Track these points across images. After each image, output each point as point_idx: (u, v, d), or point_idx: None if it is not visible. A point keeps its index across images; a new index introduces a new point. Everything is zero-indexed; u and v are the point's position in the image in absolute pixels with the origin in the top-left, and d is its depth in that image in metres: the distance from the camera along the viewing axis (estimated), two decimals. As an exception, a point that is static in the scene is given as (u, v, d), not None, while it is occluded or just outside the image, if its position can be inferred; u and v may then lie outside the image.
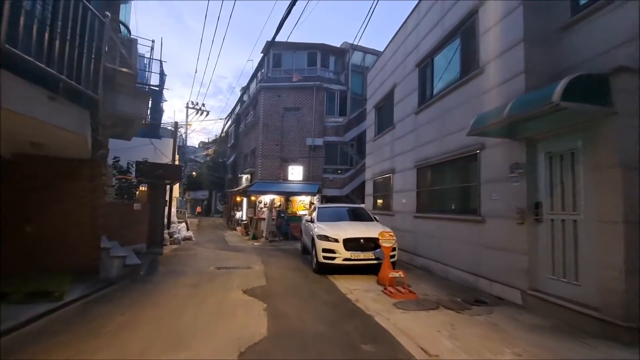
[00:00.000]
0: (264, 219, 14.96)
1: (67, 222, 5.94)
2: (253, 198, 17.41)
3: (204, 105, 19.67)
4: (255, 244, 13.16)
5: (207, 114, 20.00)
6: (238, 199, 21.66)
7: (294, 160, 16.83)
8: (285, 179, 16.64)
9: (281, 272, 7.47)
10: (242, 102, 22.50)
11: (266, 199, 16.51)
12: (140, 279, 6.34)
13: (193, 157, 38.09)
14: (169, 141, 15.81)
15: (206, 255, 10.05)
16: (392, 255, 6.47)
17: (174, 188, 15.05)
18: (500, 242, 5.28)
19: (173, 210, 15.11)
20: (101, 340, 3.52)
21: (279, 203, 16.36)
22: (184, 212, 19.53)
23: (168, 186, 12.47)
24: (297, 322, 4.14)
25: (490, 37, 5.72)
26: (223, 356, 3.16)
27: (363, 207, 9.84)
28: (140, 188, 11.19)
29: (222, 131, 23.27)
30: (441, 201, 7.39)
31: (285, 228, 14.82)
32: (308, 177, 16.65)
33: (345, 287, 5.88)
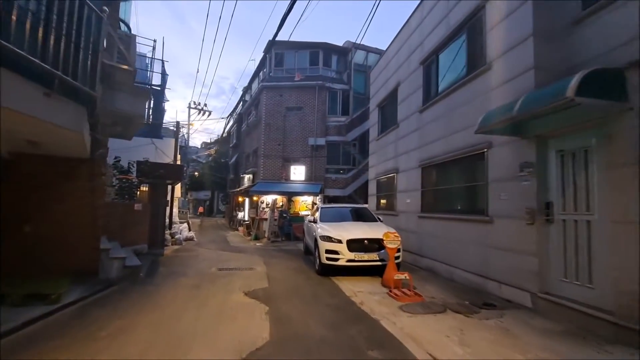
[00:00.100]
0: (266, 220, 14.85)
1: (66, 223, 5.84)
2: (255, 198, 17.32)
3: (206, 105, 19.59)
4: (258, 245, 13.04)
5: (209, 114, 19.93)
6: (240, 199, 21.58)
7: (296, 160, 16.70)
8: (287, 179, 16.52)
9: (283, 273, 7.35)
10: (244, 102, 22.40)
11: (268, 199, 16.41)
12: (140, 281, 6.23)
13: (195, 157, 38.06)
14: (171, 141, 15.74)
15: (208, 256, 9.94)
16: (396, 256, 6.34)
17: (175, 188, 14.97)
18: (509, 243, 5.13)
19: (175, 210, 15.04)
20: (98, 344, 3.40)
21: (281, 203, 16.25)
22: (185, 213, 19.47)
23: (169, 186, 12.39)
24: (301, 326, 4.01)
25: (498, 32, 5.57)
26: (224, 362, 3.04)
27: (366, 207, 9.71)
28: (142, 188, 11.09)
29: (224, 131, 23.17)
30: (447, 201, 7.25)
31: (288, 228, 14.70)
32: (310, 177, 16.52)
33: (349, 289, 5.75)
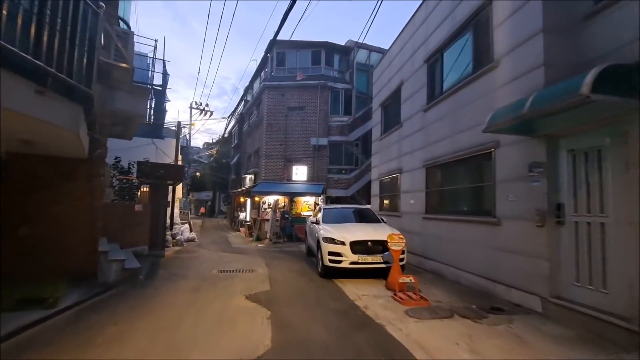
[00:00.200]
0: (267, 220, 14.72)
1: (64, 224, 5.73)
2: (257, 199, 17.18)
3: (207, 105, 19.49)
4: (259, 246, 12.92)
5: (210, 114, 19.82)
6: (242, 199, 21.46)
7: (298, 161, 16.55)
8: (289, 179, 16.38)
9: (285, 275, 7.21)
10: (246, 102, 22.29)
11: (270, 199, 16.28)
12: (140, 284, 6.11)
13: (197, 158, 37.99)
14: (172, 141, 15.63)
15: (209, 257, 9.82)
16: (401, 258, 6.18)
17: (177, 189, 14.86)
18: (517, 245, 4.98)
19: (176, 211, 14.93)
20: (93, 352, 3.28)
21: (283, 204, 16.11)
22: (187, 213, 19.35)
23: (170, 187, 12.28)
24: (303, 333, 3.87)
25: (506, 29, 5.42)
26: (223, 372, 2.92)
27: (369, 208, 9.56)
28: (142, 189, 10.98)
29: (225, 131, 23.02)
30: (452, 202, 7.09)
31: (290, 229, 14.57)
32: (312, 178, 16.37)
33: (353, 293, 5.61)
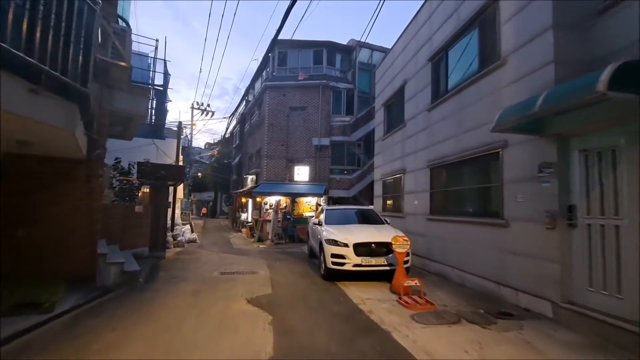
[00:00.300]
0: (269, 221, 14.61)
1: (62, 226, 5.62)
2: (258, 199, 17.06)
3: (209, 105, 19.39)
4: (261, 247, 12.80)
5: (212, 115, 19.73)
6: (243, 200, 21.35)
7: (300, 161, 16.43)
8: (291, 179, 16.26)
9: (288, 278, 7.08)
10: (247, 102, 22.17)
11: (272, 200, 16.16)
12: (139, 287, 5.99)
13: (198, 158, 37.93)
14: (173, 142, 15.53)
15: (210, 258, 9.71)
16: (405, 261, 6.06)
17: (178, 189, 14.74)
18: (526, 248, 4.83)
19: (177, 212, 14.81)
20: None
21: (284, 204, 15.99)
22: (188, 214, 19.24)
23: (171, 187, 12.17)
24: (306, 339, 3.74)
25: (514, 25, 5.27)
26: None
27: (372, 209, 9.42)
28: (143, 190, 10.87)
29: (226, 131, 22.89)
30: (457, 203, 6.95)
31: (291, 230, 14.45)
32: (314, 178, 16.24)
33: (357, 296, 5.48)
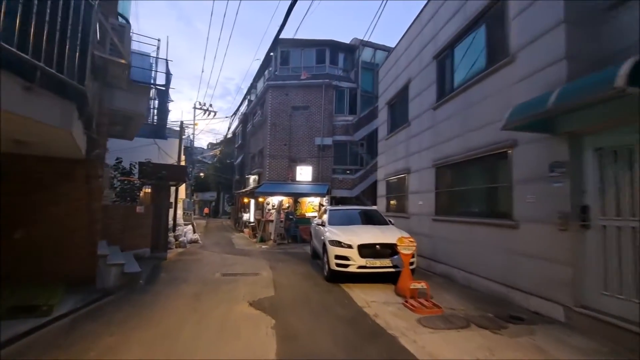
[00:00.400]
0: (272, 221, 14.49)
1: (61, 227, 5.52)
2: (261, 199, 16.96)
3: (211, 105, 19.37)
4: (263, 247, 12.69)
5: (214, 114, 19.68)
6: (245, 200, 21.25)
7: (303, 161, 16.31)
8: (293, 179, 16.14)
9: (290, 279, 6.96)
10: (249, 101, 22.09)
11: (274, 200, 16.05)
12: (140, 289, 5.88)
13: (200, 158, 37.93)
14: (175, 141, 15.45)
15: (212, 259, 9.61)
16: (411, 262, 5.91)
17: (180, 189, 14.66)
18: (538, 250, 4.68)
19: (179, 212, 14.73)
20: (85, 367, 3.06)
21: (287, 204, 15.87)
22: (190, 214, 19.15)
23: (173, 187, 12.08)
24: (310, 345, 3.61)
25: (523, 20, 5.12)
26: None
27: (376, 209, 9.29)
28: (144, 190, 10.78)
29: (228, 131, 22.84)
30: (464, 203, 6.80)
31: (294, 230, 14.33)
32: (317, 178, 16.12)
33: (362, 299, 5.35)
